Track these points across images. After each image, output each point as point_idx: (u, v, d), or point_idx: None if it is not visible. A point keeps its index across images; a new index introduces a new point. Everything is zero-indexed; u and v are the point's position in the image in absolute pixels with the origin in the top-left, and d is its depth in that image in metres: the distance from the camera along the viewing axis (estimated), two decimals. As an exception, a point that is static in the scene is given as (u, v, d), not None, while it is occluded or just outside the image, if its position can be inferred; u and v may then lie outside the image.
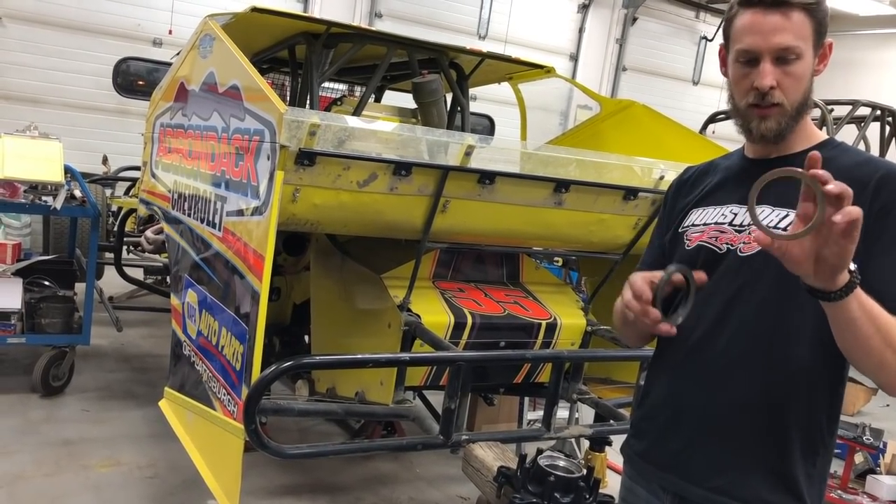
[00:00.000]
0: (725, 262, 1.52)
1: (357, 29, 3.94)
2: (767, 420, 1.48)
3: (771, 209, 1.48)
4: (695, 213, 1.64)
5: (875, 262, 1.36)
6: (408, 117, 4.27)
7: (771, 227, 1.39)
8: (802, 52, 1.44)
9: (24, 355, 4.91)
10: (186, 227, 3.09)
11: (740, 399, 1.50)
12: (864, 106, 7.41)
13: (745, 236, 1.51)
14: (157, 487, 3.55)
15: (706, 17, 12.90)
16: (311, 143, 2.31)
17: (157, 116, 3.94)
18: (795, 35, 1.43)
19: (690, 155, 3.51)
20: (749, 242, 1.49)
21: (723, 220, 1.56)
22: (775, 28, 1.43)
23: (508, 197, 2.81)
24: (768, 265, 1.43)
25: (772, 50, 1.44)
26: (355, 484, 3.86)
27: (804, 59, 1.45)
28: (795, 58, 1.44)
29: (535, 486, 2.47)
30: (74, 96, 8.64)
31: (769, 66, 1.45)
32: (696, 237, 1.60)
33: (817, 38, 1.46)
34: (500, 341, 3.05)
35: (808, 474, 1.49)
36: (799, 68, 1.45)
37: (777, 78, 1.45)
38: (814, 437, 1.48)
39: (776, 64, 1.45)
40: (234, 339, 2.46)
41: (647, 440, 1.67)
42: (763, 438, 1.48)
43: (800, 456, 1.47)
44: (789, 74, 1.45)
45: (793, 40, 1.43)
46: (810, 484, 1.49)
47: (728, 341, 1.48)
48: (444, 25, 10.54)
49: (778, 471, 1.48)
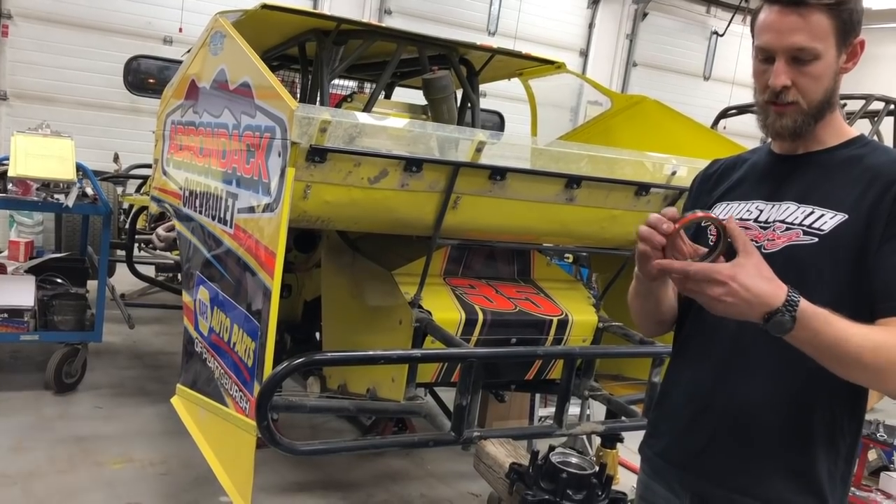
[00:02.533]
0: None
1: (367, 25, 3.94)
2: (788, 419, 1.46)
3: (796, 206, 1.47)
4: (719, 208, 1.62)
5: (886, 262, 1.36)
6: (418, 114, 4.26)
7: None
8: (820, 53, 1.41)
9: (37, 352, 4.93)
10: (198, 224, 3.09)
11: (761, 398, 1.48)
12: (877, 100, 7.34)
13: (769, 233, 1.49)
14: (169, 484, 3.56)
15: (717, 12, 12.80)
16: (322, 139, 2.30)
17: (168, 114, 3.95)
18: (811, 36, 1.40)
19: (702, 150, 3.49)
20: (773, 240, 1.47)
21: (748, 217, 1.55)
22: (791, 28, 1.41)
23: (520, 193, 2.80)
24: (791, 264, 1.42)
25: (786, 50, 1.42)
26: (367, 481, 3.87)
27: (823, 58, 1.42)
28: (812, 58, 1.42)
29: (548, 482, 2.47)
30: (86, 94, 8.66)
31: (783, 65, 1.43)
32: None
33: (842, 37, 1.43)
34: (511, 338, 3.04)
35: (831, 474, 1.47)
36: (816, 68, 1.43)
37: (793, 77, 1.43)
38: (835, 437, 1.47)
39: (792, 63, 1.43)
40: (245, 336, 2.46)
41: (666, 439, 1.66)
42: (784, 438, 1.47)
43: (822, 456, 1.46)
44: (806, 74, 1.43)
45: (808, 41, 1.40)
46: (833, 484, 1.47)
47: (749, 340, 1.46)
48: (453, 22, 10.51)
49: (800, 471, 1.46)
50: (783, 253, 1.45)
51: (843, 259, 1.40)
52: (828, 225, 1.41)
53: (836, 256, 1.40)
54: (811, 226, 1.44)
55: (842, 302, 1.35)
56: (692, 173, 3.04)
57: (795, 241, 1.44)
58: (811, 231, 1.43)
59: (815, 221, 1.43)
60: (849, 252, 1.39)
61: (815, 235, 1.42)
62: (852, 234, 1.39)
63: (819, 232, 1.42)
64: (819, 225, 1.43)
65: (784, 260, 1.43)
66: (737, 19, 12.45)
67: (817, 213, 1.44)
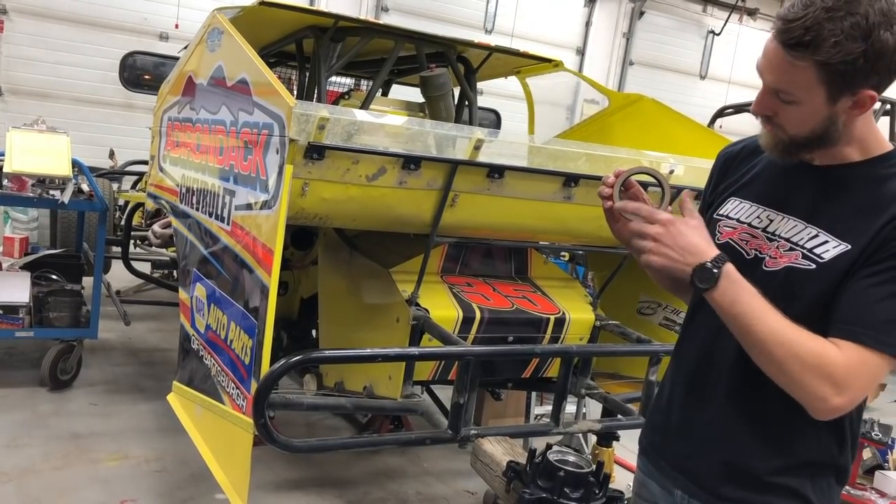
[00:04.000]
0: (748, 270, 1.45)
1: (365, 23, 3.93)
2: (776, 432, 1.46)
3: (804, 225, 1.43)
4: (731, 203, 1.58)
5: (855, 291, 1.33)
6: (415, 111, 4.26)
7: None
8: (800, 100, 1.33)
9: (32, 349, 4.92)
10: (195, 221, 3.08)
11: (750, 409, 1.48)
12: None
13: (773, 249, 1.45)
14: (165, 481, 3.56)
15: (713, 12, 12.82)
16: (321, 136, 2.30)
17: (165, 110, 3.93)
18: (791, 83, 1.32)
19: (699, 149, 3.49)
20: (776, 258, 1.44)
21: (758, 224, 1.50)
22: (776, 66, 1.33)
23: (517, 191, 2.80)
24: (787, 285, 1.41)
25: (767, 83, 1.37)
26: (363, 478, 3.87)
27: (804, 105, 1.34)
28: (790, 102, 1.35)
29: (545, 481, 2.46)
30: (81, 90, 8.64)
31: (765, 94, 1.38)
32: (727, 232, 1.55)
33: (835, 90, 1.31)
34: (508, 336, 3.04)
35: (819, 488, 1.47)
36: (795, 112, 1.35)
37: (774, 109, 1.38)
38: (823, 453, 1.46)
39: (776, 96, 1.36)
40: (242, 334, 2.46)
41: (660, 436, 1.67)
42: (772, 450, 1.47)
43: (808, 471, 1.46)
44: (785, 113, 1.37)
45: (786, 86, 1.33)
46: (821, 497, 1.48)
47: (738, 350, 1.42)
48: (450, 19, 10.51)
49: (787, 483, 1.46)
50: (783, 273, 1.42)
51: (830, 288, 1.37)
52: (829, 254, 1.37)
53: (824, 286, 1.37)
54: (812, 250, 1.39)
55: (813, 327, 1.33)
56: (689, 172, 3.07)
57: (795, 263, 1.41)
58: (811, 256, 1.39)
59: (818, 247, 1.39)
60: (838, 279, 1.36)
61: (813, 262, 1.39)
62: (847, 264, 1.35)
63: (819, 259, 1.38)
64: (820, 252, 1.38)
65: (782, 280, 1.41)
66: (733, 18, 12.48)
67: (822, 237, 1.39)
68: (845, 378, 1.29)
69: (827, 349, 1.30)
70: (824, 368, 1.29)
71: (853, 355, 1.29)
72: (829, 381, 1.29)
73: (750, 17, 12.81)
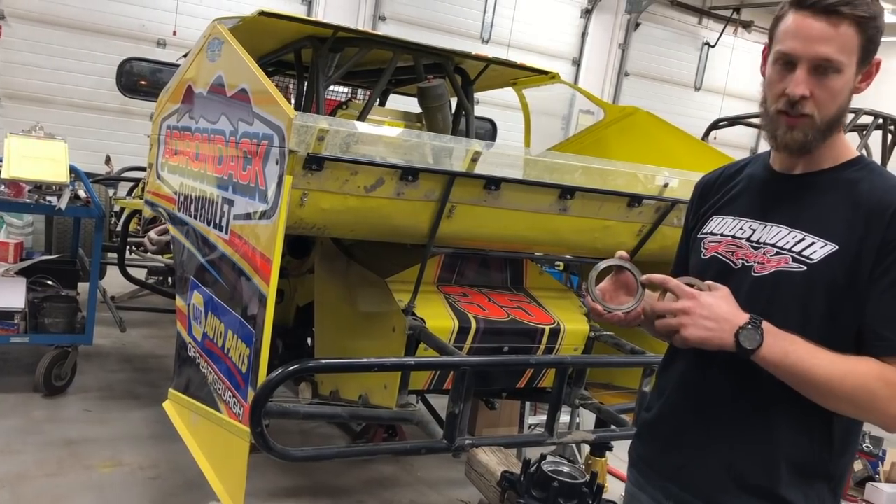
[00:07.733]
0: (737, 279, 1.49)
1: (364, 33, 3.95)
2: (766, 442, 1.47)
3: (788, 230, 1.46)
4: (714, 221, 1.62)
5: (874, 304, 1.37)
6: (412, 121, 4.28)
7: (606, 304, 1.56)
8: (843, 67, 1.38)
9: (26, 355, 4.91)
10: (192, 229, 3.10)
11: (740, 419, 1.50)
12: (866, 114, 7.41)
13: (759, 255, 1.48)
14: (159, 488, 3.56)
15: (709, 24, 12.92)
16: (320, 148, 2.32)
17: (164, 118, 3.95)
18: (839, 48, 1.36)
19: (694, 162, 3.52)
20: (763, 263, 1.47)
21: (741, 235, 1.54)
22: (820, 36, 1.36)
23: (514, 203, 2.82)
24: (778, 290, 1.43)
25: (811, 58, 1.38)
26: (356, 487, 3.87)
27: (844, 74, 1.39)
28: (834, 72, 1.38)
29: (539, 491, 2.48)
30: (79, 96, 8.65)
31: (804, 74, 1.39)
32: (712, 247, 1.58)
33: (864, 55, 1.40)
34: (503, 346, 3.06)
35: (812, 497, 1.48)
36: (836, 83, 1.39)
37: (811, 88, 1.39)
38: (813, 464, 1.47)
39: (813, 73, 1.39)
40: (240, 342, 2.47)
41: (650, 448, 1.69)
42: (761, 460, 1.48)
43: (796, 481, 1.47)
44: (825, 87, 1.39)
45: (835, 53, 1.37)
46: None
47: (728, 362, 1.43)
48: (447, 29, 10.55)
49: (775, 494, 1.47)
50: (772, 278, 1.45)
51: (826, 291, 1.39)
52: (817, 255, 1.40)
53: (820, 288, 1.40)
54: (801, 253, 1.42)
55: (810, 331, 1.37)
56: (683, 185, 3.10)
57: (784, 267, 1.43)
58: (800, 259, 1.42)
59: (805, 249, 1.42)
60: (834, 285, 1.39)
61: (803, 264, 1.41)
62: (840, 267, 1.38)
63: (808, 261, 1.41)
64: (808, 253, 1.41)
65: (772, 285, 1.44)
66: (728, 30, 12.57)
67: (808, 240, 1.42)
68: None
69: (884, 371, 1.33)
70: (892, 388, 1.32)
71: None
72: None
73: (745, 29, 12.92)
